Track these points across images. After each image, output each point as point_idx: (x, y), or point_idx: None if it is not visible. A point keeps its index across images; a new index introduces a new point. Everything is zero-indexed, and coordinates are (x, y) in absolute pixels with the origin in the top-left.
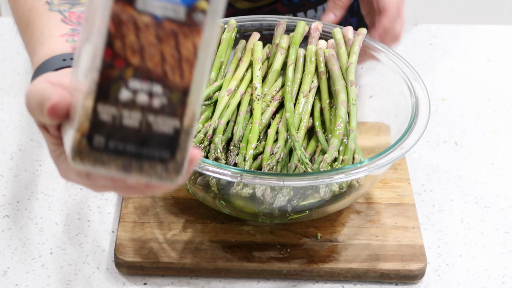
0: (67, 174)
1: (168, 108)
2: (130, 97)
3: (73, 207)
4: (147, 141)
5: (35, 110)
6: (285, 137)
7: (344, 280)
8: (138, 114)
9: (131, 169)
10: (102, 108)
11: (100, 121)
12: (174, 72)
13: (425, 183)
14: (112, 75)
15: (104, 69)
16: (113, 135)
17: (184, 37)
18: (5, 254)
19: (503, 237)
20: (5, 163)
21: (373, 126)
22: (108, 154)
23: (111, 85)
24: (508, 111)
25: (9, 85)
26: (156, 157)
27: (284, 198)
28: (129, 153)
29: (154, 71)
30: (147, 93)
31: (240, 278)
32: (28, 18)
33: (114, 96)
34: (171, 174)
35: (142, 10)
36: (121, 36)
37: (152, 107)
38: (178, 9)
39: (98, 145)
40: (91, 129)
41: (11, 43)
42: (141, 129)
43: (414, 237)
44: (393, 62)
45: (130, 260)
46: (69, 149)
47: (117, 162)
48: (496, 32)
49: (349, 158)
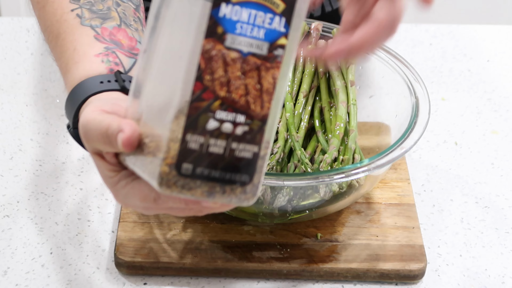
0: (127, 200)
1: (249, 135)
2: (216, 126)
3: (73, 207)
4: (230, 167)
5: (98, 140)
6: (285, 137)
7: (344, 280)
8: (223, 141)
9: (215, 193)
10: (191, 138)
11: (188, 149)
12: (256, 103)
13: (425, 183)
14: (201, 107)
15: (193, 101)
16: (200, 162)
17: (266, 70)
18: (5, 254)
19: (503, 237)
20: (5, 163)
21: (373, 126)
22: (194, 180)
23: (200, 116)
24: (508, 111)
25: (9, 85)
26: (237, 181)
27: (284, 198)
28: (214, 178)
29: (238, 102)
30: (231, 122)
31: (240, 278)
32: (58, 30)
33: (202, 126)
34: (248, 196)
35: (230, 46)
36: (210, 70)
37: (236, 135)
38: (262, 45)
39: (186, 172)
40: (179, 158)
41: (11, 43)
42: (225, 156)
43: (414, 237)
44: (393, 62)
45: (130, 260)
46: (153, 176)
47: (202, 188)
48: (496, 32)
49: (349, 158)
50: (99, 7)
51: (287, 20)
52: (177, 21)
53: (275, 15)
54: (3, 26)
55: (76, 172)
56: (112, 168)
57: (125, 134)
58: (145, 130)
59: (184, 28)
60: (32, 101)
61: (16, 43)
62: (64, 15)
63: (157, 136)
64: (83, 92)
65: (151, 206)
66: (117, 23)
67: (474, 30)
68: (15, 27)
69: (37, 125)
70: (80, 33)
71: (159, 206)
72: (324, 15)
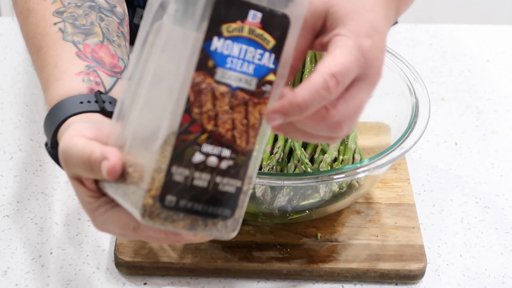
0: (106, 227)
1: (233, 170)
2: (202, 159)
3: (73, 207)
4: (213, 200)
5: (79, 167)
6: (285, 137)
7: (344, 280)
8: (208, 175)
9: (197, 226)
10: (176, 170)
11: (173, 181)
12: (241, 138)
13: (425, 183)
14: (188, 139)
15: (181, 133)
16: (184, 195)
17: (253, 106)
18: (5, 254)
19: (503, 237)
20: (5, 163)
21: (373, 126)
22: (178, 212)
23: (187, 149)
24: (508, 111)
25: (9, 85)
26: (219, 215)
27: (284, 198)
28: (197, 212)
29: (224, 136)
30: (217, 156)
31: (240, 278)
32: (40, 42)
33: (188, 159)
34: (229, 230)
35: (219, 80)
36: (199, 103)
37: (220, 169)
38: (251, 81)
39: (170, 204)
40: (164, 190)
41: (11, 43)
42: (208, 189)
43: (414, 237)
44: (393, 62)
45: (130, 260)
46: (136, 207)
47: (185, 220)
48: (496, 32)
49: (349, 158)
50: (82, 21)
51: (276, 57)
52: (167, 50)
53: (265, 51)
54: (3, 26)
55: None
56: (91, 194)
57: (110, 163)
58: (128, 159)
59: (174, 59)
60: (32, 101)
61: (16, 43)
62: (46, 28)
63: (141, 166)
64: (62, 112)
65: (130, 234)
66: (100, 39)
67: (474, 30)
68: (15, 27)
69: (37, 125)
70: (62, 49)
71: (138, 235)
72: None
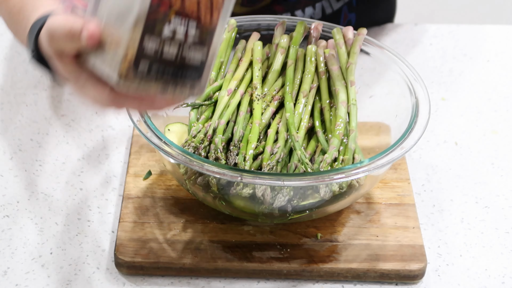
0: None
1: (198, 44)
2: (171, 31)
3: (73, 207)
4: (182, 66)
5: (61, 39)
6: (285, 137)
7: (344, 280)
8: (176, 44)
9: (168, 88)
10: (148, 40)
11: (146, 49)
12: (206, 15)
13: (425, 183)
14: (157, 16)
15: (151, 11)
16: (156, 61)
17: None
18: (5, 254)
19: (503, 237)
20: (5, 163)
21: (373, 126)
22: (150, 76)
23: (157, 23)
24: (508, 111)
25: (9, 85)
26: (187, 77)
27: (284, 198)
28: (167, 75)
29: (191, 13)
30: (183, 31)
31: (240, 278)
32: (20, 4)
33: (159, 30)
34: (196, 91)
35: None
36: None
37: (187, 42)
38: None
39: (143, 68)
40: (137, 55)
41: (11, 43)
42: (178, 56)
43: (414, 237)
44: (393, 62)
45: (130, 260)
46: (114, 70)
47: (157, 83)
48: (496, 32)
49: (349, 158)
50: None
51: None
52: None
53: None
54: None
55: (76, 172)
56: (72, 68)
57: (90, 30)
58: (106, 31)
59: None
60: (32, 101)
61: (16, 43)
62: None
63: (117, 37)
64: (42, 20)
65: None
66: None
67: (474, 30)
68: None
69: (37, 125)
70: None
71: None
72: (324, 17)
